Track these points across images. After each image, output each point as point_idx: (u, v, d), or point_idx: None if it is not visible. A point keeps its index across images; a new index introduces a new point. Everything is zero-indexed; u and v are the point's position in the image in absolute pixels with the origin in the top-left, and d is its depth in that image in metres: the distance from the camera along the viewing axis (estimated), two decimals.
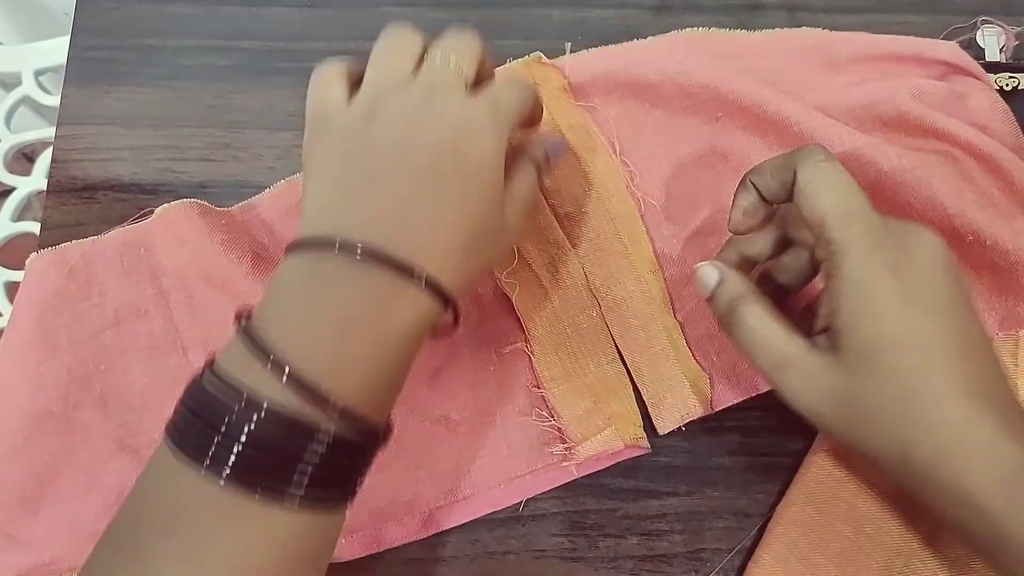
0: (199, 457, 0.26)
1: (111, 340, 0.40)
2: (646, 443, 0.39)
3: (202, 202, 0.42)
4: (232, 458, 0.26)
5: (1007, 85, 0.42)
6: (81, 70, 0.46)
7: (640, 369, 0.40)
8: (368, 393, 0.28)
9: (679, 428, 0.39)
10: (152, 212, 0.42)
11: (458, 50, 0.32)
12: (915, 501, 0.31)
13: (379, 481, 0.38)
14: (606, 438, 0.38)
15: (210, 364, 0.28)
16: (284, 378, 0.26)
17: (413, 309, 0.29)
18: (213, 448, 0.26)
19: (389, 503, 0.38)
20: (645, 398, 0.39)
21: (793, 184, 0.31)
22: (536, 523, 0.39)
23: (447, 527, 0.39)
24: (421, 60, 0.32)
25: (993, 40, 0.43)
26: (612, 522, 0.39)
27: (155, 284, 0.41)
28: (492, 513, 0.39)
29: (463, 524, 0.39)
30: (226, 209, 0.43)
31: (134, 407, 0.39)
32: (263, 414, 0.26)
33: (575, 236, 0.41)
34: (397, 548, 0.39)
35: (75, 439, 0.39)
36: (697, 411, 0.39)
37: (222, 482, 0.26)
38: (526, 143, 0.36)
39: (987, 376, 0.30)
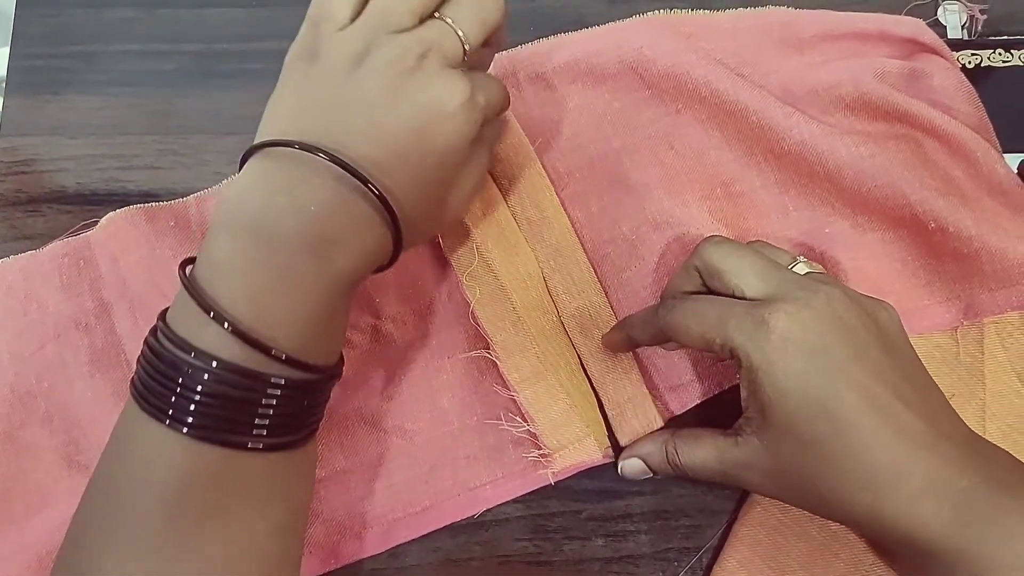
0: (162, 411, 0.27)
1: (52, 355, 0.39)
2: (611, 452, 0.38)
3: (149, 205, 0.41)
4: (192, 411, 0.27)
5: (969, 63, 0.41)
6: (22, 79, 0.45)
7: (603, 379, 0.39)
8: (314, 335, 0.29)
9: None
10: (96, 223, 0.41)
11: (474, 14, 0.31)
12: None
13: (336, 494, 0.38)
14: (587, 449, 0.37)
15: (163, 316, 0.29)
16: (229, 330, 0.27)
17: (375, 241, 0.30)
18: (173, 402, 0.27)
19: (347, 517, 0.38)
20: (607, 408, 0.39)
21: (661, 330, 0.34)
22: (499, 528, 0.39)
23: (406, 540, 0.38)
24: (438, 6, 0.31)
25: (955, 17, 0.42)
26: (577, 524, 0.39)
27: (95, 296, 0.40)
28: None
29: None
30: (180, 200, 0.42)
31: (80, 423, 0.38)
32: (215, 368, 0.27)
33: (535, 240, 0.40)
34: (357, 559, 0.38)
35: (23, 459, 0.38)
36: (658, 422, 0.38)
37: (185, 430, 0.27)
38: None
39: (918, 413, 0.30)
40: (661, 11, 0.43)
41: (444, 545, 0.38)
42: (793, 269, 0.33)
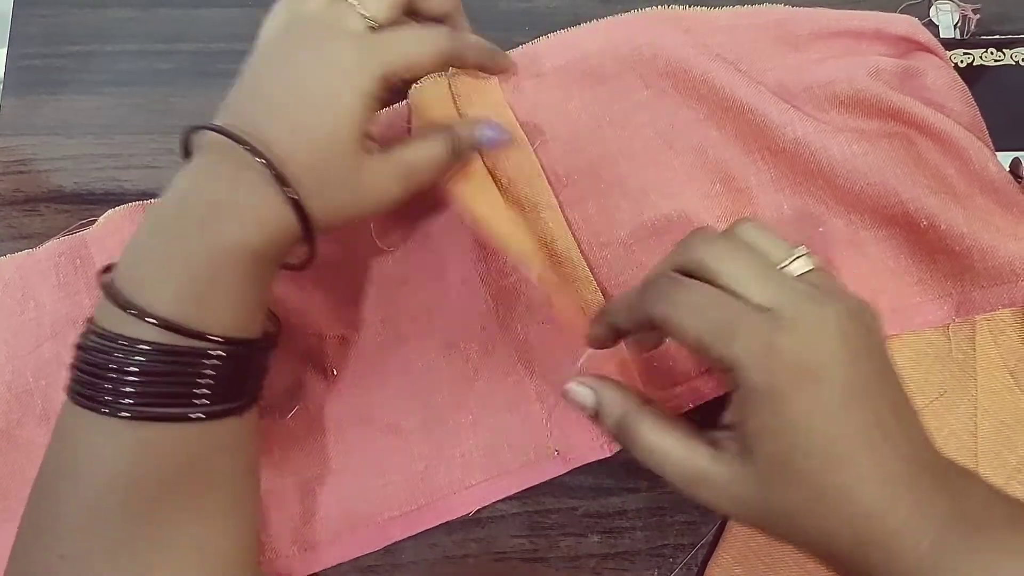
0: (96, 402, 0.29)
1: (49, 353, 0.39)
2: (612, 447, 0.38)
3: (148, 202, 0.41)
4: (127, 395, 0.29)
5: (962, 62, 0.41)
6: (20, 79, 0.45)
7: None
8: (202, 304, 0.30)
9: None
10: (93, 222, 0.41)
11: None
12: None
13: (330, 492, 0.38)
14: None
15: (89, 322, 0.30)
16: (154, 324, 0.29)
17: (263, 203, 0.30)
18: (106, 392, 0.29)
19: (342, 515, 0.38)
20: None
21: (650, 319, 0.30)
22: (495, 524, 0.39)
23: (402, 537, 0.38)
24: None
25: (947, 17, 0.42)
26: (573, 521, 0.39)
27: (92, 295, 0.40)
28: None
29: None
30: None
31: None
32: (144, 353, 0.29)
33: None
34: None
35: (19, 457, 0.38)
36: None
37: (125, 414, 0.29)
38: (459, 121, 0.38)
39: (901, 453, 0.29)
40: (658, 8, 0.43)
41: (440, 542, 0.38)
42: (791, 265, 0.31)
